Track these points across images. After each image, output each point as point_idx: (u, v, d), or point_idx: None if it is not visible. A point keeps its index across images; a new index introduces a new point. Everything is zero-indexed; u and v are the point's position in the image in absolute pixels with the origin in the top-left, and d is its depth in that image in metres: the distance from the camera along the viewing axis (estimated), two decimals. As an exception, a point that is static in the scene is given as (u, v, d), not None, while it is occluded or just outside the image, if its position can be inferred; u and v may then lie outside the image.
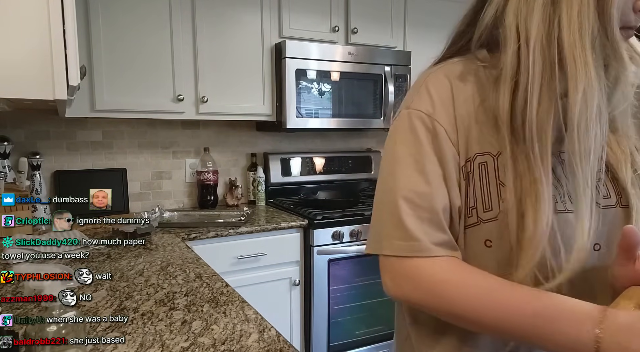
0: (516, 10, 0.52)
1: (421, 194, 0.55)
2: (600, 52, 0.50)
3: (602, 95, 0.49)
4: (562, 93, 0.49)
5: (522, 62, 0.51)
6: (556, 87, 0.49)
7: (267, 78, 2.10)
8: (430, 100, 0.57)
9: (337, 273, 2.00)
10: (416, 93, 0.60)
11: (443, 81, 0.58)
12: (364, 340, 2.08)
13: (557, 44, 0.49)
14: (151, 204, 2.17)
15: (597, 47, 0.49)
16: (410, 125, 0.57)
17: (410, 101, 0.59)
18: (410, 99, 0.60)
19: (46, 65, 0.83)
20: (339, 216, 1.98)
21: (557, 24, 0.49)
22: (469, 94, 0.57)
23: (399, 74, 2.27)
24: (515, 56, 0.51)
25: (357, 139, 2.70)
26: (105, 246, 1.48)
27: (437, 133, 0.56)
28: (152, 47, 1.86)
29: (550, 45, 0.49)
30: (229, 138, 2.36)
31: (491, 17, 0.56)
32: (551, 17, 0.49)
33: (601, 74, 0.50)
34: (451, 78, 0.58)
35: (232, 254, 1.81)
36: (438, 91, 0.58)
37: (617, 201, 0.55)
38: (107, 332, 0.84)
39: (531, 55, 0.50)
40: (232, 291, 1.08)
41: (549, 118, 0.49)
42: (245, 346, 0.79)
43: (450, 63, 0.61)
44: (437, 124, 0.56)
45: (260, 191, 2.32)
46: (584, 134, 0.48)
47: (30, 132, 1.96)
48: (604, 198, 0.55)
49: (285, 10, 2.09)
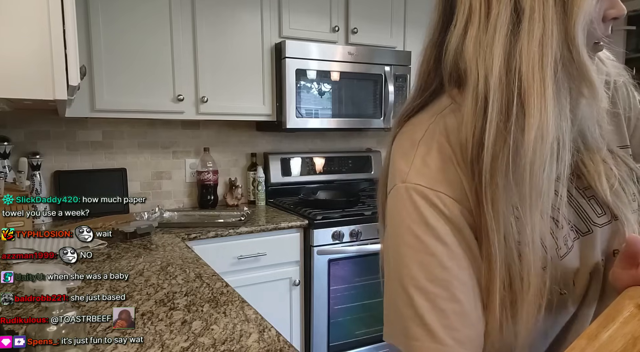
0: (475, 42, 0.47)
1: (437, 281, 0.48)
2: (565, 81, 0.46)
3: (564, 129, 0.46)
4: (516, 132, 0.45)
5: (479, 103, 0.46)
6: (511, 127, 0.45)
7: (267, 78, 2.10)
8: (429, 171, 0.51)
9: (337, 273, 2.00)
10: (410, 164, 0.52)
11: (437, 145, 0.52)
12: (364, 340, 2.08)
13: (517, 78, 0.45)
14: (151, 204, 2.17)
15: (560, 77, 0.45)
16: (414, 204, 0.50)
17: (406, 174, 0.52)
18: (404, 170, 0.52)
19: (46, 65, 0.83)
20: (339, 216, 1.98)
21: (518, 55, 0.45)
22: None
23: (399, 74, 2.27)
24: (474, 96, 0.47)
25: (357, 139, 2.70)
26: (106, 246, 1.48)
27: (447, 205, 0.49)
28: (152, 47, 1.86)
29: (509, 80, 0.45)
30: (229, 138, 2.36)
31: (453, 51, 0.50)
32: (512, 48, 0.45)
33: (564, 104, 0.46)
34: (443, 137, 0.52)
35: (232, 254, 1.81)
36: (436, 158, 0.51)
37: (611, 217, 0.54)
38: (107, 332, 0.84)
39: (490, 93, 0.45)
40: (232, 291, 1.08)
41: (502, 163, 0.46)
42: (245, 346, 0.79)
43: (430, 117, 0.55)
44: (443, 196, 0.50)
45: (260, 191, 2.32)
46: (535, 174, 0.45)
47: (30, 132, 1.96)
48: (599, 216, 0.54)
49: (285, 10, 2.09)
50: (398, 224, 0.51)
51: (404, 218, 0.51)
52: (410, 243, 0.50)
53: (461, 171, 0.50)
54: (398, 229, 0.51)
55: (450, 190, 0.50)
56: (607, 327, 0.44)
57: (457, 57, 0.50)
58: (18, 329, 0.72)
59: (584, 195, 0.54)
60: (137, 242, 1.57)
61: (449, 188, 0.50)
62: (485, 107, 0.46)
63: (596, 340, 0.43)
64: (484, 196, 0.47)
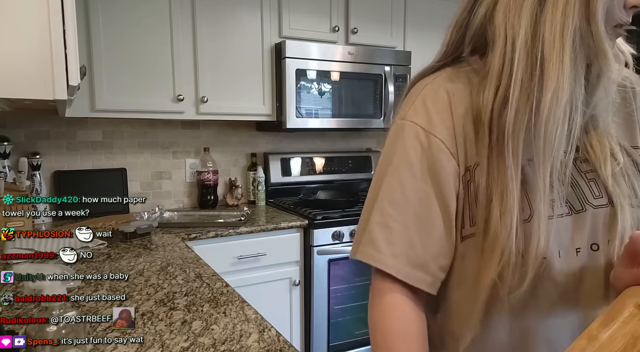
0: (505, 9, 0.53)
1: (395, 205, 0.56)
2: (582, 50, 0.50)
3: (577, 93, 0.51)
4: (538, 92, 0.51)
5: (505, 63, 0.52)
6: (534, 87, 0.50)
7: (267, 78, 2.10)
8: (426, 112, 0.57)
9: (337, 273, 2.00)
10: (411, 104, 0.59)
11: (440, 93, 0.58)
12: (364, 340, 2.08)
13: (541, 43, 0.50)
14: (151, 204, 2.17)
15: (579, 47, 0.50)
16: (403, 139, 0.57)
17: (405, 112, 0.59)
18: (405, 109, 0.59)
19: (46, 65, 0.83)
20: (339, 216, 1.98)
21: (543, 23, 0.50)
22: (467, 104, 0.57)
23: (399, 74, 2.27)
24: (501, 55, 0.52)
25: (357, 139, 2.70)
26: (106, 246, 1.48)
27: (432, 146, 0.56)
28: (152, 47, 1.86)
29: (534, 45, 0.50)
30: (229, 138, 2.36)
31: (482, 17, 0.56)
32: (538, 16, 0.50)
33: (580, 72, 0.51)
34: (449, 89, 0.58)
35: (232, 254, 1.81)
36: (435, 103, 0.57)
37: (608, 201, 0.55)
38: (107, 332, 0.84)
39: (516, 54, 0.51)
40: (232, 291, 1.08)
41: (524, 118, 0.51)
42: (245, 346, 0.79)
43: (445, 73, 0.60)
44: (432, 137, 0.56)
45: (260, 191, 2.32)
46: (549, 131, 0.50)
47: (30, 132, 1.96)
48: (596, 198, 0.55)
49: (285, 10, 2.09)
50: (386, 153, 0.59)
51: (392, 148, 0.59)
52: (388, 170, 0.58)
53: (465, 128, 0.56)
54: (385, 157, 0.59)
55: (442, 134, 0.56)
56: (607, 327, 0.44)
57: (486, 23, 0.56)
58: (18, 329, 0.72)
59: (585, 177, 0.56)
60: (137, 242, 1.57)
61: (441, 132, 0.56)
62: (511, 67, 0.51)
63: (596, 340, 0.44)
64: (506, 147, 0.51)
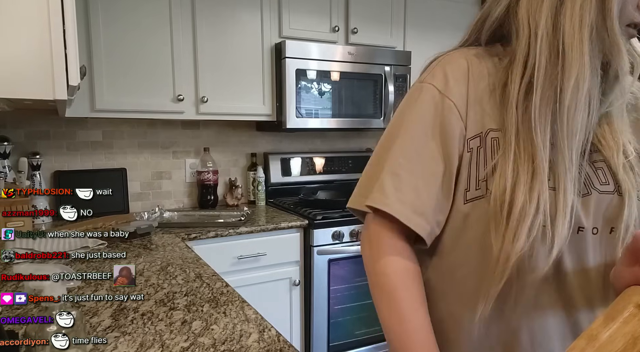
0: (528, 4, 0.57)
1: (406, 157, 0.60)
2: (598, 44, 0.54)
3: (595, 83, 0.54)
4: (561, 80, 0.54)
5: (530, 51, 0.56)
6: (557, 75, 0.54)
7: (267, 78, 2.10)
8: (444, 77, 0.61)
9: (337, 273, 2.00)
10: (431, 70, 0.63)
11: (459, 60, 0.62)
12: (364, 340, 2.08)
13: (562, 34, 0.54)
14: (151, 204, 2.17)
15: (595, 40, 0.54)
16: (421, 99, 0.61)
17: (424, 77, 0.63)
18: (424, 75, 0.64)
19: (46, 65, 0.83)
20: (339, 216, 1.98)
21: (563, 16, 0.54)
22: (484, 73, 0.61)
23: (399, 74, 2.27)
24: (526, 45, 0.57)
25: (357, 139, 2.70)
26: (106, 246, 1.48)
27: (444, 108, 0.59)
28: (152, 47, 1.86)
29: (555, 36, 0.55)
30: (229, 138, 2.36)
31: (502, 9, 0.61)
32: (558, 10, 0.55)
33: (596, 63, 0.54)
34: (468, 58, 0.62)
35: (232, 254, 1.81)
36: (453, 69, 0.61)
37: (615, 189, 0.57)
38: (107, 332, 0.84)
39: (539, 44, 0.55)
40: (232, 291, 1.08)
41: (549, 103, 0.54)
42: (245, 346, 0.79)
43: (465, 48, 0.65)
44: (446, 100, 0.60)
45: (260, 191, 2.32)
46: (572, 116, 0.54)
47: (30, 132, 1.96)
48: (602, 184, 0.57)
49: (285, 10, 2.09)
50: (403, 110, 0.64)
51: (408, 106, 0.63)
52: (403, 126, 0.62)
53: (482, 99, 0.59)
54: (400, 113, 0.64)
55: (455, 97, 0.60)
56: (607, 327, 0.44)
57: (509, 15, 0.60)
58: (18, 329, 0.72)
59: (593, 166, 0.58)
60: (137, 242, 1.57)
61: (455, 95, 0.60)
62: (535, 55, 0.56)
63: (596, 340, 0.44)
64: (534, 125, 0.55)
